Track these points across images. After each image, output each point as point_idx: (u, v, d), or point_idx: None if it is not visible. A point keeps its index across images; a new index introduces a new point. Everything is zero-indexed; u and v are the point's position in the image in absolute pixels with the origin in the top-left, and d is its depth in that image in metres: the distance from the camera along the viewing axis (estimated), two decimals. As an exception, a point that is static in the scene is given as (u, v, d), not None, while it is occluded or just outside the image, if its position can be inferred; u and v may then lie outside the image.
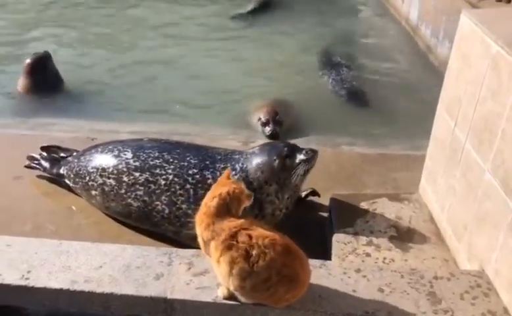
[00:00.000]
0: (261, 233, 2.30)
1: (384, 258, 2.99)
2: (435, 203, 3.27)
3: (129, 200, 3.48)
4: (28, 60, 6.01)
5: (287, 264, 2.32)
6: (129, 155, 3.54)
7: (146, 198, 3.44)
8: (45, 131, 4.87)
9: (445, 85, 3.17)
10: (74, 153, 4.01)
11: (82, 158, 3.78)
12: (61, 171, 3.91)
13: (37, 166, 4.09)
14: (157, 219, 3.44)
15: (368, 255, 3.02)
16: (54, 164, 4.01)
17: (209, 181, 3.31)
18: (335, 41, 7.74)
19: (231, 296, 2.46)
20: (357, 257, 3.00)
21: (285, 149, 3.32)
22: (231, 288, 2.37)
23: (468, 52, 2.85)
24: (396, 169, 4.35)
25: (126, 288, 2.57)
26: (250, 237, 2.28)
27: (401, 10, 8.22)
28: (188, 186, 3.36)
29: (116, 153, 3.59)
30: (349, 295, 2.51)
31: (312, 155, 3.31)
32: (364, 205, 3.44)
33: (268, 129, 5.34)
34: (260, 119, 5.43)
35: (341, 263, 2.84)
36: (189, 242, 3.37)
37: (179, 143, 3.71)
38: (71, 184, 3.84)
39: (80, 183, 3.72)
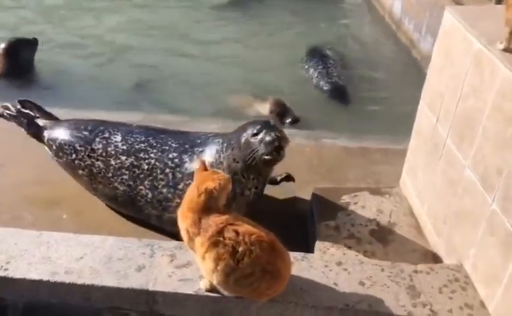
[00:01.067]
0: (247, 229, 2.30)
1: (365, 251, 3.02)
2: (416, 198, 3.31)
3: (115, 184, 3.47)
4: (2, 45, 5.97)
5: (271, 261, 2.32)
6: (118, 138, 3.53)
7: (131, 182, 3.42)
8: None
9: (427, 81, 3.20)
10: (54, 121, 3.88)
11: (68, 131, 3.67)
12: (43, 135, 3.78)
13: (10, 118, 3.91)
14: (141, 203, 3.43)
15: (349, 248, 3.04)
16: (33, 124, 3.85)
17: (186, 164, 3.30)
18: (317, 35, 7.75)
19: (213, 289, 2.47)
20: (338, 250, 3.03)
21: (258, 127, 3.15)
22: (215, 282, 2.37)
23: (450, 48, 2.88)
24: (377, 162, 4.38)
25: (107, 280, 2.55)
26: (237, 233, 2.28)
27: (384, 3, 8.26)
28: (168, 170, 3.34)
29: (106, 134, 3.56)
30: (330, 288, 2.54)
31: (273, 138, 3.04)
32: (345, 198, 3.47)
33: (288, 119, 5.60)
34: (272, 111, 5.63)
35: (322, 256, 2.87)
36: (170, 227, 3.35)
37: (166, 129, 3.69)
38: (52, 155, 3.75)
39: (65, 158, 3.65)
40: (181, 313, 2.56)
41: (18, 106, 3.93)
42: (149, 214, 3.46)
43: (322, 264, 2.68)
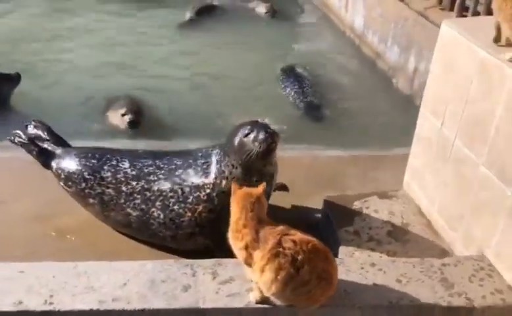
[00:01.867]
0: (302, 238, 2.42)
1: (388, 251, 3.20)
2: (424, 198, 3.54)
3: (128, 210, 3.48)
4: None
5: (325, 268, 2.45)
6: (126, 164, 3.56)
7: (143, 206, 3.46)
8: (13, 153, 4.64)
9: (427, 89, 3.44)
10: (62, 148, 3.83)
11: (76, 160, 3.66)
12: (51, 165, 3.76)
13: (20, 145, 3.88)
14: (155, 226, 3.47)
15: (372, 250, 3.22)
16: (42, 153, 3.82)
17: (192, 178, 3.38)
18: (282, 54, 7.97)
19: (264, 301, 2.56)
20: (362, 253, 3.19)
21: (248, 127, 3.23)
22: (272, 292, 2.45)
23: (452, 58, 3.14)
24: (371, 169, 4.61)
25: (157, 303, 2.58)
26: (294, 243, 2.38)
27: (344, 19, 8.64)
28: (176, 187, 3.41)
29: (114, 162, 3.58)
30: (371, 288, 2.69)
31: (266, 134, 3.15)
32: (357, 204, 3.65)
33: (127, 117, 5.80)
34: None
35: (357, 260, 3.01)
36: (185, 243, 3.47)
37: (169, 151, 3.77)
38: (61, 183, 3.73)
39: (74, 188, 3.64)
40: (232, 327, 2.64)
41: (30, 129, 3.91)
42: (164, 236, 3.50)
43: (358, 267, 2.83)
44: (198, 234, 3.40)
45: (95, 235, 3.67)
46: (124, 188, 3.51)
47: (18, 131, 3.88)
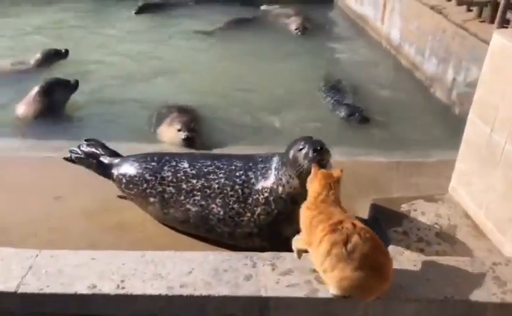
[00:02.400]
0: (364, 227, 2.59)
1: (437, 251, 3.29)
2: (471, 202, 3.63)
3: (188, 206, 3.66)
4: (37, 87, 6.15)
5: (378, 260, 2.59)
6: (186, 164, 3.76)
7: (203, 202, 3.63)
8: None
9: (477, 96, 3.55)
10: (119, 158, 4.10)
11: (136, 164, 3.91)
12: (111, 172, 4.02)
13: (78, 161, 4.16)
14: (213, 222, 3.62)
15: (421, 250, 3.31)
16: (101, 164, 4.11)
17: (252, 180, 3.55)
18: (320, 64, 8.16)
19: (301, 252, 2.84)
20: (412, 252, 3.29)
21: (302, 143, 3.40)
22: (323, 268, 2.64)
23: (503, 66, 3.24)
24: (412, 175, 4.69)
25: (222, 290, 2.74)
26: (354, 226, 2.56)
27: (381, 31, 8.77)
28: (237, 187, 3.57)
29: (173, 163, 3.78)
30: (425, 283, 2.80)
31: (315, 152, 3.28)
32: (404, 206, 3.76)
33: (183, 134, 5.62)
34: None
35: (408, 258, 3.12)
36: (243, 242, 3.60)
37: (226, 154, 3.99)
38: (122, 187, 3.96)
39: (136, 190, 3.86)
40: (291, 316, 2.78)
41: (84, 148, 4.18)
42: (222, 232, 3.65)
43: (411, 264, 2.94)
44: (256, 235, 3.55)
45: (152, 231, 3.84)
46: (184, 186, 3.70)
47: (75, 149, 4.17)
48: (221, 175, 3.65)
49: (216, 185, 3.62)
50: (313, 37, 9.77)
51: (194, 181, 3.68)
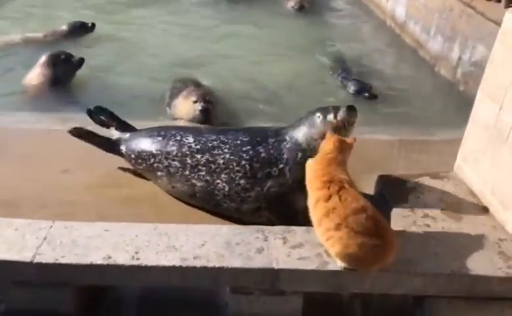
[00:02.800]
0: (351, 192, 2.76)
1: (442, 227, 3.35)
2: (476, 179, 3.67)
3: (193, 180, 3.71)
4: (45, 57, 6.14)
5: (374, 229, 2.67)
6: (190, 139, 3.79)
7: (208, 178, 3.67)
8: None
9: (486, 75, 3.57)
10: (127, 133, 4.17)
11: (143, 140, 3.98)
12: (120, 148, 4.10)
13: (83, 137, 4.20)
14: (219, 197, 3.66)
15: (427, 226, 3.36)
16: (108, 142, 4.19)
17: (262, 155, 3.57)
18: (324, 43, 8.13)
19: None
20: (418, 228, 3.35)
21: (327, 108, 3.56)
22: (321, 228, 2.79)
23: (514, 45, 3.26)
24: (417, 152, 4.74)
25: (234, 262, 2.80)
26: (340, 189, 2.75)
27: (385, 8, 8.73)
28: (244, 162, 3.60)
29: (178, 137, 3.83)
30: (432, 258, 2.87)
31: (347, 112, 3.46)
32: (410, 183, 3.80)
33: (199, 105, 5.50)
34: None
35: (416, 232, 3.18)
36: (250, 217, 3.64)
37: (232, 128, 4.08)
38: (132, 162, 4.05)
39: (144, 164, 3.93)
40: (302, 288, 2.85)
41: (93, 115, 4.25)
42: (228, 207, 3.70)
43: (418, 239, 3.01)
44: (264, 209, 3.59)
45: (161, 204, 3.89)
46: (189, 160, 3.73)
47: (80, 127, 4.22)
48: (226, 150, 3.68)
49: (222, 161, 3.66)
50: (313, 15, 9.69)
51: (198, 156, 3.72)
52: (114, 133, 4.19)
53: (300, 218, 3.13)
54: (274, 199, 3.54)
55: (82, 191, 3.99)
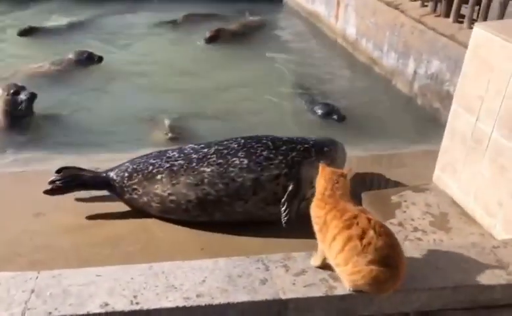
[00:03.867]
0: (378, 221, 2.62)
1: (434, 239, 3.42)
2: (457, 189, 3.78)
3: (201, 168, 3.74)
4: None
5: (392, 256, 2.62)
6: (191, 145, 3.97)
7: (221, 160, 3.73)
8: (40, 166, 4.68)
9: (460, 87, 3.70)
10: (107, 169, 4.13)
11: (135, 160, 4.02)
12: (111, 176, 4.00)
13: (63, 188, 4.00)
14: (234, 173, 3.70)
15: (419, 239, 3.43)
16: (93, 177, 4.10)
17: (284, 138, 3.92)
18: (276, 69, 8.12)
19: (323, 265, 2.80)
20: (411, 242, 3.39)
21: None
22: (336, 263, 2.66)
23: (487, 57, 3.39)
24: (391, 166, 4.85)
25: (240, 296, 2.69)
26: (369, 221, 2.58)
27: (335, 28, 8.94)
28: (264, 140, 3.83)
29: (176, 149, 3.98)
30: (435, 272, 2.88)
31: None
32: (394, 198, 3.87)
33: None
34: None
35: (413, 247, 3.21)
36: (266, 185, 3.74)
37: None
38: (120, 186, 3.95)
39: (140, 175, 3.89)
40: (310, 315, 2.77)
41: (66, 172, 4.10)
42: (244, 180, 3.71)
43: (418, 254, 3.01)
44: (284, 175, 3.74)
45: (144, 240, 3.74)
46: (194, 156, 3.82)
47: (56, 177, 4.03)
48: (239, 138, 3.89)
49: (236, 145, 3.80)
50: (256, 42, 9.51)
51: (205, 150, 3.83)
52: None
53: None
54: (295, 164, 3.75)
55: (58, 234, 3.78)
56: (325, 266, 2.81)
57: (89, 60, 7.82)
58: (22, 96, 5.91)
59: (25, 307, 2.58)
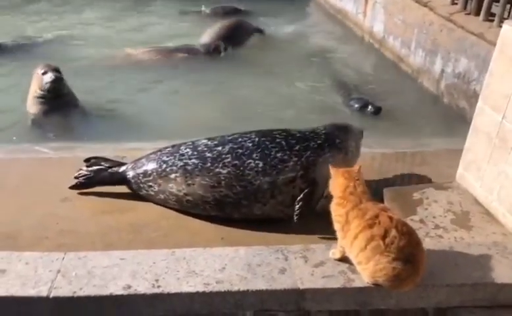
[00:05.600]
0: (399, 219, 2.62)
1: (455, 237, 3.39)
2: (480, 188, 3.74)
3: (217, 169, 3.67)
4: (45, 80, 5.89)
5: (414, 253, 2.64)
6: (203, 141, 3.85)
7: (236, 162, 3.66)
8: (70, 153, 4.81)
9: (487, 86, 3.65)
10: (126, 163, 4.12)
11: (150, 157, 3.96)
12: (127, 173, 4.00)
13: (88, 182, 4.07)
14: (251, 176, 3.63)
15: (440, 236, 3.40)
16: (113, 173, 4.09)
17: (297, 135, 3.78)
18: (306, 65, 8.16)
19: (342, 258, 2.84)
20: (432, 239, 3.37)
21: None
22: (358, 261, 2.69)
23: (515, 55, 3.35)
24: (416, 164, 4.80)
25: (259, 284, 2.75)
26: (391, 219, 2.59)
27: (362, 25, 8.89)
28: (279, 139, 3.72)
29: (189, 143, 3.87)
30: (454, 268, 2.88)
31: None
32: (416, 195, 3.84)
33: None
34: None
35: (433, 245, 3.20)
36: (282, 188, 3.64)
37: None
38: (140, 179, 3.94)
39: (155, 173, 3.85)
40: (328, 307, 2.80)
41: (90, 167, 4.14)
42: (261, 183, 3.63)
43: (436, 250, 3.02)
44: (299, 178, 3.64)
45: (166, 227, 3.80)
46: (208, 154, 3.73)
47: (81, 172, 4.10)
48: (253, 135, 3.76)
49: (250, 144, 3.70)
50: (283, 39, 9.60)
51: (219, 148, 3.75)
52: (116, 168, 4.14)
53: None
54: (310, 165, 3.65)
55: (84, 219, 3.86)
56: (344, 259, 2.85)
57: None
58: (47, 77, 5.88)
59: (52, 286, 2.69)
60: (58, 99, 5.87)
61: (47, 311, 2.67)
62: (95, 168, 4.11)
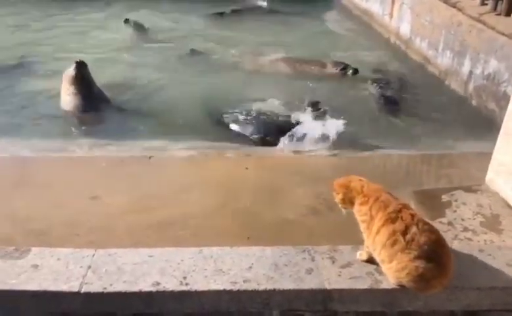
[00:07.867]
0: (421, 218, 2.61)
1: (484, 240, 3.34)
2: (511, 191, 3.68)
3: None
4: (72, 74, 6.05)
5: (437, 252, 2.60)
6: None
7: None
8: (100, 151, 4.91)
9: (519, 87, 3.60)
10: None
11: None
12: None
13: None
14: None
15: (469, 239, 3.36)
16: None
17: None
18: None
19: (369, 260, 2.81)
20: (460, 242, 3.33)
21: None
22: (381, 258, 2.67)
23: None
24: (442, 167, 4.76)
25: (286, 284, 2.75)
26: (412, 217, 2.58)
27: (389, 26, 8.82)
28: None
29: None
30: (483, 271, 2.84)
31: None
32: (445, 197, 3.81)
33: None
34: None
35: (462, 248, 3.16)
36: None
37: None
38: None
39: None
40: (355, 307, 2.79)
41: None
42: None
43: (465, 253, 2.98)
44: None
45: (193, 226, 3.84)
46: None
47: None
48: None
49: None
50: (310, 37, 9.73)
51: None
52: None
53: None
54: None
55: (113, 217, 3.93)
56: (371, 260, 2.83)
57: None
58: (71, 68, 6.12)
59: (83, 282, 2.74)
60: (88, 92, 6.03)
61: (78, 305, 2.72)
62: None
